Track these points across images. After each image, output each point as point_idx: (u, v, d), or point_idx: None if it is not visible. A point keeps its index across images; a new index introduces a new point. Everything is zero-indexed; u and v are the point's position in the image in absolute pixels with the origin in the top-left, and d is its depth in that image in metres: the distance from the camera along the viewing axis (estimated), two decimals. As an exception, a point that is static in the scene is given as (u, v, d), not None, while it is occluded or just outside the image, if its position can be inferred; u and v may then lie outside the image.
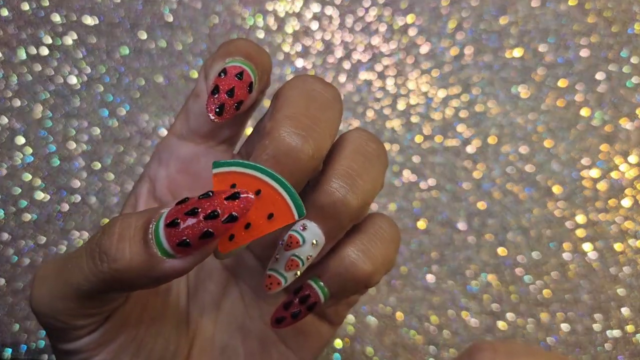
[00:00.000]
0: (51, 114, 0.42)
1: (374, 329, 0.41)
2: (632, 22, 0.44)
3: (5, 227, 0.41)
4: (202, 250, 0.18)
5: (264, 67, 0.22)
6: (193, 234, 0.17)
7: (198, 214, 0.17)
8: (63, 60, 0.42)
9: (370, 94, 0.43)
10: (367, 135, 0.22)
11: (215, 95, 0.20)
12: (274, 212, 0.19)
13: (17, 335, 0.40)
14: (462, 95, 0.43)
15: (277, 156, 0.19)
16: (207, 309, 0.25)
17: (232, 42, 0.22)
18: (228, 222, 0.17)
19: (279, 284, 0.21)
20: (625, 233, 0.42)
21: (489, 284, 0.41)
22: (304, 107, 0.20)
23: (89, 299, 0.19)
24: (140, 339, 0.22)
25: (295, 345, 0.25)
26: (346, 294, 0.22)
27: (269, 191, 0.19)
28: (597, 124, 0.43)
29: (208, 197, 0.18)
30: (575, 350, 0.41)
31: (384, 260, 0.22)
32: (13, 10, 0.42)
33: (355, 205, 0.21)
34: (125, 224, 0.18)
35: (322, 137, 0.20)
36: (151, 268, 0.18)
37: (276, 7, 0.44)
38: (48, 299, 0.19)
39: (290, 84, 0.21)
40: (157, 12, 0.43)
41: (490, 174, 0.43)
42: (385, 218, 0.23)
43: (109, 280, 0.18)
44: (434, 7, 0.44)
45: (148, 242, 0.18)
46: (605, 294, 0.41)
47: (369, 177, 0.21)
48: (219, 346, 0.25)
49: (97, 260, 0.18)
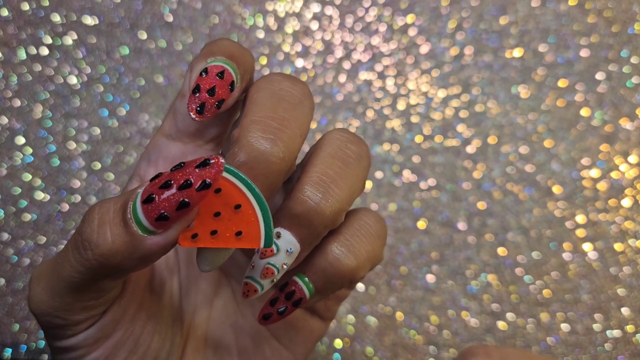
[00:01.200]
0: (51, 114, 0.42)
1: (374, 329, 0.41)
2: (632, 22, 0.44)
3: (5, 227, 0.41)
4: (181, 222, 0.18)
5: (246, 66, 0.22)
6: (169, 206, 0.17)
7: (172, 186, 0.17)
8: (63, 60, 0.42)
9: (370, 94, 0.43)
10: (347, 137, 0.22)
11: (196, 95, 0.21)
12: (243, 231, 0.19)
13: (17, 335, 0.40)
14: (462, 95, 0.43)
15: (248, 162, 0.19)
16: (200, 307, 0.25)
17: (215, 42, 0.22)
18: (202, 190, 0.17)
19: (256, 291, 0.21)
20: (626, 233, 0.42)
21: (489, 284, 0.41)
22: (271, 109, 0.20)
23: (83, 291, 0.19)
24: (137, 335, 0.22)
25: (288, 341, 0.25)
26: (332, 290, 0.22)
27: (247, 210, 0.19)
28: (597, 124, 0.43)
29: (180, 168, 0.18)
30: (575, 351, 0.41)
31: (368, 255, 0.22)
32: (13, 10, 0.42)
33: (329, 213, 0.21)
34: (104, 209, 0.18)
35: (291, 138, 0.20)
36: (134, 248, 0.18)
37: (276, 7, 0.44)
38: (45, 297, 0.20)
39: (257, 86, 0.21)
40: (157, 12, 0.43)
41: (490, 174, 0.43)
42: (371, 213, 0.23)
43: (96, 267, 0.18)
44: (434, 7, 0.44)
45: (127, 222, 0.18)
46: (605, 294, 0.41)
47: (345, 183, 0.21)
48: (212, 344, 0.25)
49: (81, 249, 0.18)
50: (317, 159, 0.21)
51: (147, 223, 0.18)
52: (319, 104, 0.43)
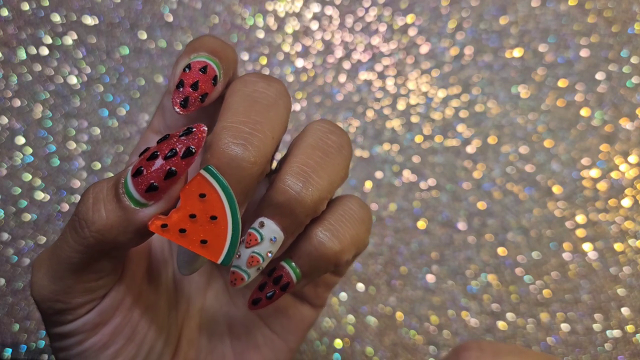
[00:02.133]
0: (51, 114, 0.42)
1: (374, 329, 0.41)
2: (632, 22, 0.44)
3: (5, 227, 0.41)
4: (171, 192, 0.19)
5: (228, 61, 0.22)
6: (157, 176, 0.18)
7: (158, 157, 0.18)
8: (63, 60, 0.42)
9: (370, 94, 0.43)
10: (328, 128, 0.23)
11: (180, 89, 0.21)
12: (209, 240, 0.20)
13: (17, 335, 0.40)
14: (462, 95, 0.43)
15: (221, 168, 0.20)
16: (194, 298, 0.26)
17: (198, 39, 0.23)
18: (187, 157, 0.18)
19: (243, 279, 0.22)
20: (626, 233, 0.42)
21: (489, 284, 0.41)
22: (244, 114, 0.21)
23: (82, 272, 0.20)
24: (134, 324, 0.22)
25: (280, 329, 0.26)
26: (318, 273, 0.23)
27: (221, 224, 0.19)
28: (597, 124, 0.43)
29: (165, 140, 0.19)
30: (575, 350, 0.41)
31: (352, 239, 0.23)
32: (13, 10, 0.42)
33: (310, 201, 0.21)
34: (98, 188, 0.19)
35: (263, 142, 0.20)
36: (128, 221, 0.19)
37: (276, 7, 0.44)
38: (46, 282, 0.20)
39: (232, 89, 0.22)
40: (157, 12, 0.43)
41: (490, 174, 0.43)
42: (355, 199, 0.24)
43: (93, 244, 0.19)
44: (434, 7, 0.44)
45: (120, 197, 0.19)
46: (605, 294, 0.41)
47: (326, 172, 0.22)
48: (206, 333, 0.26)
49: (78, 228, 0.19)
50: (298, 149, 0.22)
51: (138, 196, 0.18)
52: (318, 104, 0.43)
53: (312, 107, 0.43)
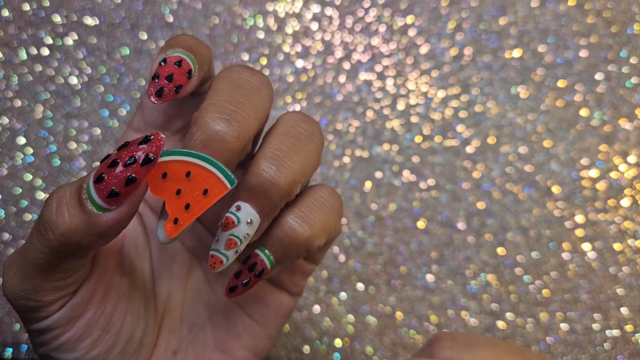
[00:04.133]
0: (52, 114, 0.42)
1: (374, 329, 0.41)
2: (632, 23, 0.44)
3: (5, 227, 0.41)
4: (132, 198, 0.19)
5: (202, 57, 0.24)
6: (118, 182, 0.19)
7: (118, 164, 0.19)
8: (64, 61, 0.42)
9: (370, 94, 0.43)
10: (299, 117, 0.24)
11: (155, 81, 0.22)
12: (207, 187, 0.21)
13: (18, 334, 0.40)
14: (462, 96, 0.43)
15: (205, 141, 0.21)
16: (174, 289, 0.27)
17: (175, 37, 0.24)
18: (146, 165, 0.19)
19: (222, 262, 0.23)
20: (625, 233, 0.42)
21: (489, 284, 0.41)
22: (229, 94, 0.22)
23: (50, 272, 0.21)
24: (108, 314, 0.23)
25: (259, 317, 0.27)
26: (291, 259, 0.24)
27: (198, 171, 0.21)
28: (596, 124, 0.43)
29: (124, 147, 0.19)
30: (574, 350, 0.41)
31: (323, 225, 0.24)
32: (14, 11, 0.42)
33: (284, 184, 0.22)
34: (61, 192, 0.20)
35: (246, 119, 0.22)
36: (91, 225, 0.19)
37: (276, 7, 0.44)
38: (17, 281, 0.21)
39: (219, 75, 0.23)
40: (157, 13, 0.43)
41: (490, 174, 0.43)
42: (326, 187, 0.25)
43: (58, 247, 0.20)
44: (433, 8, 0.44)
45: (83, 202, 0.19)
46: (604, 293, 0.41)
47: (298, 157, 0.23)
48: (187, 324, 0.27)
49: (42, 231, 0.20)
50: (271, 137, 0.23)
51: (100, 201, 0.19)
52: (318, 104, 0.43)
53: (312, 107, 0.43)
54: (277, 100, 0.43)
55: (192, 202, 0.21)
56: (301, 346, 0.40)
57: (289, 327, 0.40)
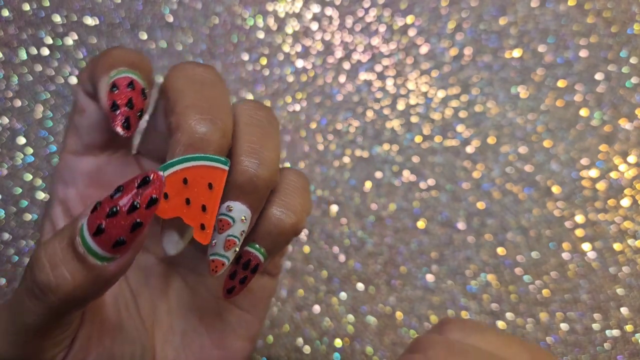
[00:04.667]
0: (52, 114, 0.42)
1: (374, 329, 0.41)
2: (632, 23, 0.44)
3: (5, 227, 0.41)
4: (138, 241, 0.18)
5: (147, 71, 0.23)
6: (124, 231, 0.18)
7: (119, 212, 0.17)
8: (64, 61, 0.42)
9: (370, 94, 0.43)
10: (253, 105, 0.24)
11: (117, 112, 0.21)
12: (210, 181, 0.21)
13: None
14: (462, 96, 0.43)
15: (193, 144, 0.20)
16: (157, 303, 0.26)
17: (110, 54, 0.22)
18: (150, 207, 0.18)
19: (223, 264, 0.22)
20: (625, 233, 0.42)
21: (489, 284, 0.41)
22: (198, 93, 0.21)
23: (51, 329, 0.20)
24: (109, 349, 0.23)
25: (248, 306, 0.27)
26: (280, 248, 0.24)
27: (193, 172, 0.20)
28: (596, 124, 0.43)
29: (120, 192, 0.18)
30: (574, 350, 0.41)
31: (302, 207, 0.24)
32: (14, 11, 0.42)
33: (268, 175, 0.22)
34: (50, 251, 0.18)
35: (225, 115, 0.21)
36: (97, 277, 0.18)
37: (276, 7, 0.44)
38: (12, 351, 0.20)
39: (172, 76, 0.23)
40: (157, 13, 0.43)
41: (490, 174, 0.43)
42: (292, 170, 0.25)
43: (60, 306, 0.18)
44: (433, 8, 0.44)
45: (82, 256, 0.18)
46: (604, 293, 0.41)
47: (271, 145, 0.23)
48: (179, 332, 0.27)
49: (40, 296, 0.18)
50: (239, 131, 0.23)
51: (103, 253, 0.18)
52: (318, 104, 0.43)
53: (312, 107, 0.43)
54: (277, 100, 0.43)
55: (205, 202, 0.21)
56: (301, 346, 0.40)
57: (289, 327, 0.40)
